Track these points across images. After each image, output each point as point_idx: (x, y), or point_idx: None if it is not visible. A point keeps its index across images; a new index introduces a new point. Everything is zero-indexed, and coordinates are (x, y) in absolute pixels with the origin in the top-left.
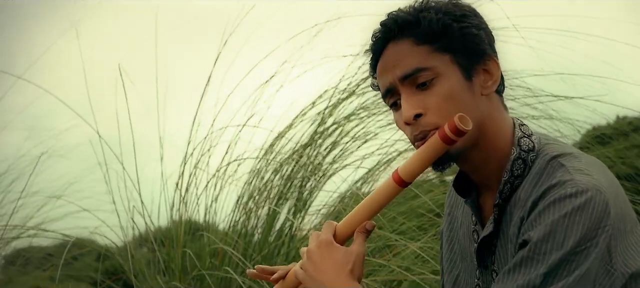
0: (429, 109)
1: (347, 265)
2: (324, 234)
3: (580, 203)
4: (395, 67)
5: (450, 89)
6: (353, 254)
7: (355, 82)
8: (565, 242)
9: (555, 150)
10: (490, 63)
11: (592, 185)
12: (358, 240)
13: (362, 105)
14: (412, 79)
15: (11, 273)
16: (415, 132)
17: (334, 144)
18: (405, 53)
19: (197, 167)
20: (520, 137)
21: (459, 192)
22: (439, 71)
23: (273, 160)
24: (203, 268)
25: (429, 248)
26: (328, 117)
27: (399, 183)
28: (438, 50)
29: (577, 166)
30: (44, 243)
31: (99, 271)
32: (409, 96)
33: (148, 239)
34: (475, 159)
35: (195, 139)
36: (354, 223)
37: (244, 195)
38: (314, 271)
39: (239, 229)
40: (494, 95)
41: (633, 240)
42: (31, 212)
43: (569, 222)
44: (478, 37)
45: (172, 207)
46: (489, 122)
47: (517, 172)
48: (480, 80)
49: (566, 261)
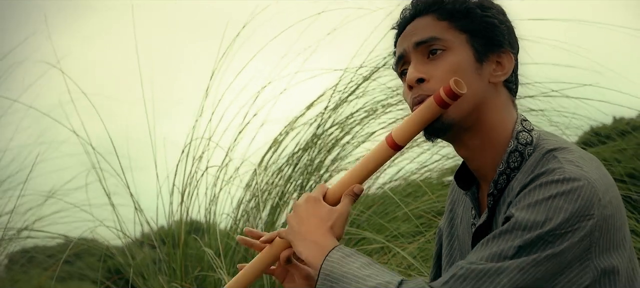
0: (433, 77)
1: (329, 221)
2: (314, 193)
3: (565, 189)
4: (412, 35)
5: (458, 63)
6: (336, 212)
7: (355, 83)
8: (545, 223)
9: (551, 145)
10: (505, 56)
11: (581, 175)
12: (344, 201)
13: (362, 106)
14: (425, 46)
15: (14, 272)
16: (415, 95)
17: (334, 145)
18: (425, 25)
19: (197, 168)
20: (520, 130)
21: (460, 184)
22: (452, 45)
23: (274, 160)
24: (204, 269)
25: (427, 249)
26: (328, 118)
27: (392, 146)
28: (456, 28)
29: (569, 158)
30: (47, 243)
31: (100, 271)
32: (418, 62)
33: (149, 239)
34: (471, 144)
35: (195, 139)
36: (345, 186)
37: (245, 196)
38: (296, 223)
39: (240, 229)
40: (502, 88)
41: (619, 237)
42: (32, 214)
43: (552, 205)
44: (498, 29)
45: (170, 205)
46: (490, 109)
47: (513, 164)
48: (491, 68)
49: (542, 240)
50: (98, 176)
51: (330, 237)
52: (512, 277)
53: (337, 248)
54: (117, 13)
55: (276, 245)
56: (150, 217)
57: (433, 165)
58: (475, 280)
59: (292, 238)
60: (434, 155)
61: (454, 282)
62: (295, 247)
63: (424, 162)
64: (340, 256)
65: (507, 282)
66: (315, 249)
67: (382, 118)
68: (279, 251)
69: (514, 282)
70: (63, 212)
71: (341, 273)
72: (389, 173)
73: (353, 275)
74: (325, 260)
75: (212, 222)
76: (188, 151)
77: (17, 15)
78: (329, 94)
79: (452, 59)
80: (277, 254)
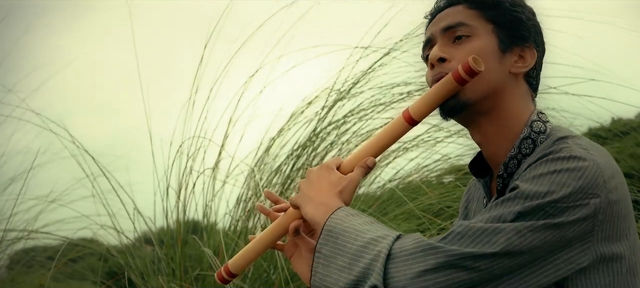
0: (454, 58)
1: (338, 187)
2: (329, 162)
3: (571, 166)
4: (441, 20)
5: (481, 49)
6: (346, 179)
7: (352, 81)
8: (547, 194)
9: (563, 133)
10: (528, 50)
11: (588, 156)
12: (356, 171)
13: (360, 105)
14: (451, 31)
15: (15, 273)
16: (435, 73)
17: (331, 144)
18: (454, 12)
19: (193, 168)
20: (535, 120)
21: (474, 172)
22: (477, 32)
23: (272, 159)
24: (203, 269)
25: None
26: (326, 117)
27: (409, 121)
28: (484, 18)
29: (578, 142)
30: (48, 243)
31: (100, 271)
32: (442, 44)
33: (149, 239)
34: (487, 129)
35: (191, 138)
36: (359, 158)
37: (243, 195)
38: (307, 187)
39: (239, 229)
40: (522, 81)
41: (624, 226)
42: (33, 216)
43: (556, 179)
44: (524, 24)
45: (167, 205)
46: (508, 98)
47: (525, 150)
48: (513, 60)
49: (542, 209)
50: (97, 177)
51: (338, 199)
52: (509, 237)
53: (342, 208)
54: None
55: (288, 214)
56: (149, 217)
57: (432, 165)
58: (473, 237)
59: (301, 201)
60: (434, 155)
61: (453, 238)
62: (302, 209)
63: (423, 162)
64: (345, 214)
65: (504, 240)
66: (322, 208)
67: (377, 116)
68: (290, 221)
69: (510, 242)
70: (63, 213)
71: (343, 228)
72: (388, 173)
73: (354, 229)
74: (329, 218)
75: (211, 221)
76: (184, 150)
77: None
78: (326, 92)
79: (476, 44)
80: (287, 224)
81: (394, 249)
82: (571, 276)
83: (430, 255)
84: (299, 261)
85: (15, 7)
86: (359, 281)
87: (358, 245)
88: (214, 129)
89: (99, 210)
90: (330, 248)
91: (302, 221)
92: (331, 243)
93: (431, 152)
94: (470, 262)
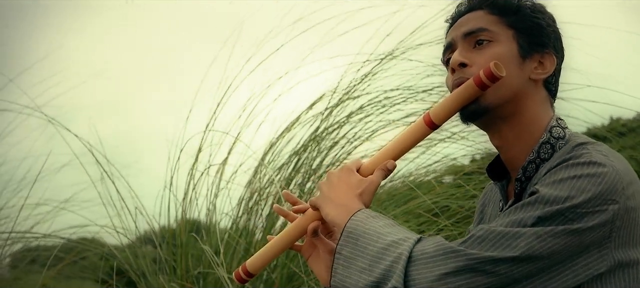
0: (475, 63)
1: (358, 189)
2: (349, 164)
3: (591, 172)
4: (462, 26)
5: (501, 54)
6: (366, 181)
7: (354, 83)
8: (567, 199)
9: (582, 140)
10: (548, 57)
11: (607, 162)
12: (376, 173)
13: (361, 106)
14: (472, 37)
15: (18, 272)
16: (456, 78)
17: (334, 145)
18: (475, 17)
19: (196, 167)
20: (554, 126)
21: (492, 176)
22: (498, 38)
23: (274, 160)
24: (205, 268)
25: None
26: (328, 118)
27: (429, 125)
28: (505, 24)
29: (598, 149)
30: (50, 243)
31: (101, 270)
32: (463, 49)
33: (151, 239)
34: (506, 134)
35: (194, 137)
36: (379, 161)
37: (245, 195)
38: (327, 189)
39: (241, 229)
40: (541, 87)
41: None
42: (35, 214)
43: (576, 184)
44: (544, 31)
45: (169, 205)
46: (528, 103)
47: (544, 155)
48: (533, 66)
49: (562, 215)
50: (100, 176)
51: (358, 201)
52: (530, 241)
53: (363, 210)
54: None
55: (307, 216)
56: (151, 217)
57: (433, 166)
58: (493, 241)
59: (321, 202)
60: (435, 155)
61: (473, 242)
62: (322, 210)
63: (423, 163)
64: (365, 216)
65: (524, 245)
66: (342, 210)
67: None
68: (309, 222)
69: (531, 247)
70: (65, 212)
71: (363, 230)
72: None
73: (374, 231)
74: (350, 219)
75: (213, 221)
76: (187, 150)
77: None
78: (329, 95)
79: (496, 50)
80: (306, 226)
81: (414, 252)
82: (588, 281)
83: (451, 259)
84: (317, 262)
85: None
86: (379, 283)
87: (379, 247)
88: (216, 129)
89: (102, 211)
90: (350, 249)
91: (320, 222)
92: (351, 245)
93: (431, 153)
94: (490, 266)
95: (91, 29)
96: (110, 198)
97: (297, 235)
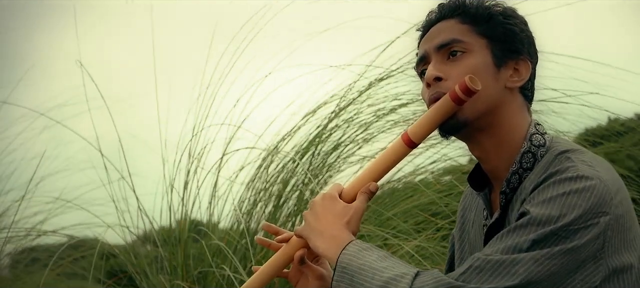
0: (450, 76)
1: (345, 217)
2: (330, 190)
3: (579, 187)
4: (435, 37)
5: (476, 66)
6: (352, 208)
7: (358, 89)
8: (559, 218)
9: (564, 147)
10: (523, 63)
11: (594, 174)
12: (360, 198)
13: (363, 107)
14: (446, 49)
15: (18, 271)
16: (432, 93)
17: (336, 146)
18: (447, 27)
19: (198, 167)
20: (533, 133)
21: (474, 186)
22: (472, 48)
23: (275, 160)
24: (205, 267)
25: (423, 248)
26: (332, 119)
27: (408, 144)
28: (477, 33)
29: (582, 158)
30: (50, 242)
31: (102, 270)
32: (437, 62)
33: (151, 238)
34: (486, 145)
35: (195, 137)
36: (361, 184)
37: (246, 195)
38: (313, 220)
39: (241, 228)
40: (518, 93)
41: (630, 237)
42: (37, 214)
43: (567, 201)
44: (518, 37)
45: (171, 204)
46: (506, 113)
47: (526, 165)
48: (508, 74)
49: (556, 235)
50: (101, 175)
51: (347, 231)
52: (528, 267)
53: (354, 242)
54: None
55: (292, 244)
56: (152, 216)
57: (430, 166)
58: (491, 270)
59: (308, 233)
60: (434, 156)
61: (471, 273)
62: (311, 243)
63: (422, 162)
64: (357, 249)
65: (523, 271)
66: (332, 243)
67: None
68: (295, 251)
69: (529, 273)
70: (66, 211)
71: (358, 266)
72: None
73: (369, 267)
74: (342, 253)
75: (214, 220)
76: (188, 150)
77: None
78: (334, 98)
79: (471, 61)
80: (292, 254)
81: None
82: None
83: None
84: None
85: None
86: None
87: (376, 285)
88: (218, 129)
89: (103, 210)
90: (345, 286)
91: (306, 249)
92: (347, 281)
93: (430, 153)
94: None
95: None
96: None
97: (283, 264)
